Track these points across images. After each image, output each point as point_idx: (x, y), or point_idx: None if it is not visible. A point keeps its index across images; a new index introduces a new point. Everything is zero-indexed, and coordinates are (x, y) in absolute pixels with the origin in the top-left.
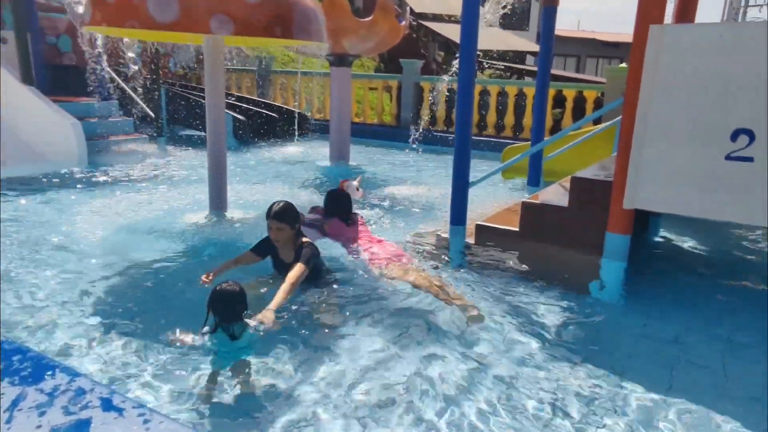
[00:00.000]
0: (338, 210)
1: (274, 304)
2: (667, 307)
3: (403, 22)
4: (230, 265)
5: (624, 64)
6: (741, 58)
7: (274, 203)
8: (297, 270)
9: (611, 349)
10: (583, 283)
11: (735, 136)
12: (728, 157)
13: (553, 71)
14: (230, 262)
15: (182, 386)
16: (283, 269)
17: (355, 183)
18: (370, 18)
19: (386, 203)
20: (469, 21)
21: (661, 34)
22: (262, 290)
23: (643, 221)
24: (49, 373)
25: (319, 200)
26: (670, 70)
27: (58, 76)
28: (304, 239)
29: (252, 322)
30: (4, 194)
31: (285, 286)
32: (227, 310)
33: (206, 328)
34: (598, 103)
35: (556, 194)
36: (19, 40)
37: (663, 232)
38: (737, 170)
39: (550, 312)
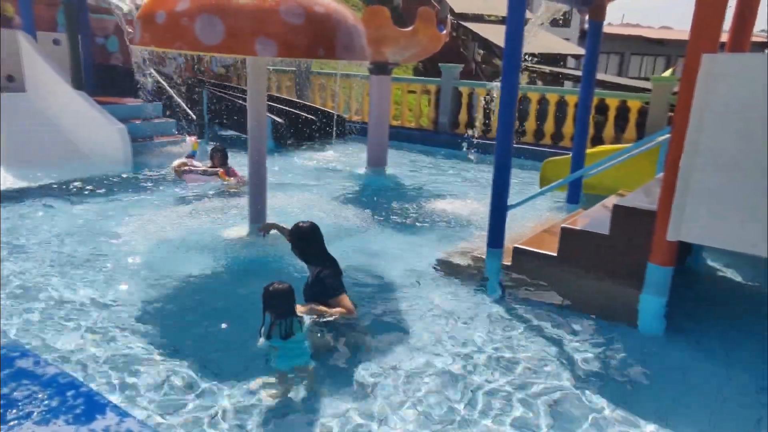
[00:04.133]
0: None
1: (318, 308)
2: (711, 343)
3: (444, 31)
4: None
5: (670, 71)
6: None
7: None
8: (350, 308)
9: (650, 387)
10: (622, 314)
11: None
12: None
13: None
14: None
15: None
16: (305, 286)
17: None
18: (411, 28)
19: (423, 217)
20: (513, 54)
21: (713, 63)
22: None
23: (687, 248)
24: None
25: (355, 212)
26: (722, 99)
27: (105, 76)
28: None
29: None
30: (49, 200)
31: (337, 310)
32: (280, 306)
33: (262, 339)
34: (643, 113)
35: (596, 219)
36: (71, 43)
37: (708, 261)
38: None
39: (586, 343)
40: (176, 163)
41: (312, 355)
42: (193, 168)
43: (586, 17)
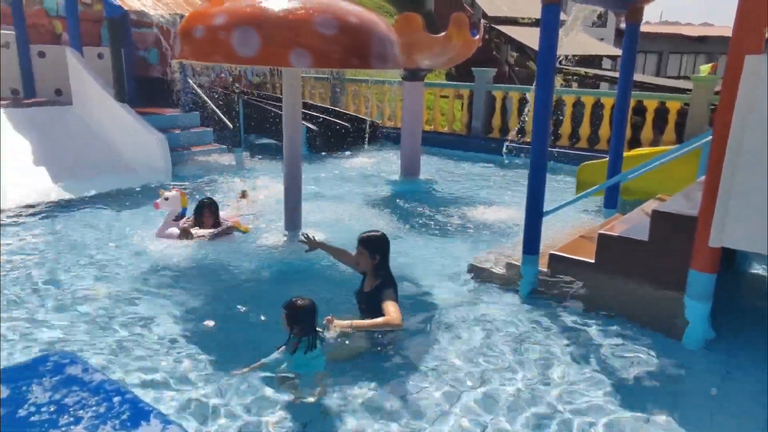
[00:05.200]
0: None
1: (356, 323)
2: (756, 351)
3: (477, 36)
4: (337, 254)
5: (709, 66)
6: None
7: (368, 231)
8: (396, 316)
9: (690, 399)
10: (663, 322)
11: None
12: None
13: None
14: (339, 250)
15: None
16: (360, 297)
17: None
18: (443, 34)
19: (458, 223)
20: (548, 62)
21: (758, 65)
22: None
23: (730, 252)
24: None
25: (389, 219)
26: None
27: (146, 87)
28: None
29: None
30: (91, 209)
31: (380, 320)
32: (308, 321)
33: (276, 355)
34: (683, 115)
35: (635, 225)
36: (115, 58)
37: (756, 264)
38: None
39: (623, 352)
40: (173, 230)
41: (327, 363)
42: (209, 232)
43: (623, 18)
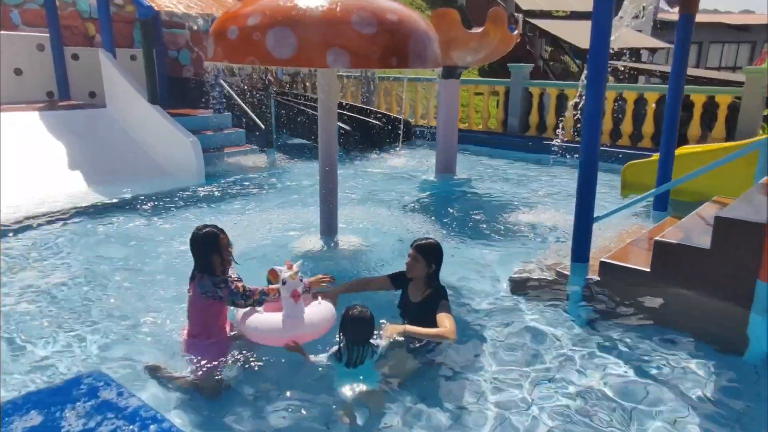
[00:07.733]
0: None
1: (410, 328)
2: None
3: (515, 31)
4: (360, 286)
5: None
6: None
7: (423, 237)
8: (451, 329)
9: (759, 419)
10: (727, 337)
11: None
12: None
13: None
14: (361, 282)
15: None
16: (406, 307)
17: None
18: (481, 29)
19: (498, 226)
20: (600, 60)
21: None
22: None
23: None
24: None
25: (426, 222)
26: None
27: (177, 89)
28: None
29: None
30: (123, 214)
31: (435, 330)
32: (359, 333)
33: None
34: (733, 110)
35: (693, 231)
36: (147, 59)
37: None
38: None
39: (682, 370)
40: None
41: (381, 379)
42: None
43: (666, 10)
